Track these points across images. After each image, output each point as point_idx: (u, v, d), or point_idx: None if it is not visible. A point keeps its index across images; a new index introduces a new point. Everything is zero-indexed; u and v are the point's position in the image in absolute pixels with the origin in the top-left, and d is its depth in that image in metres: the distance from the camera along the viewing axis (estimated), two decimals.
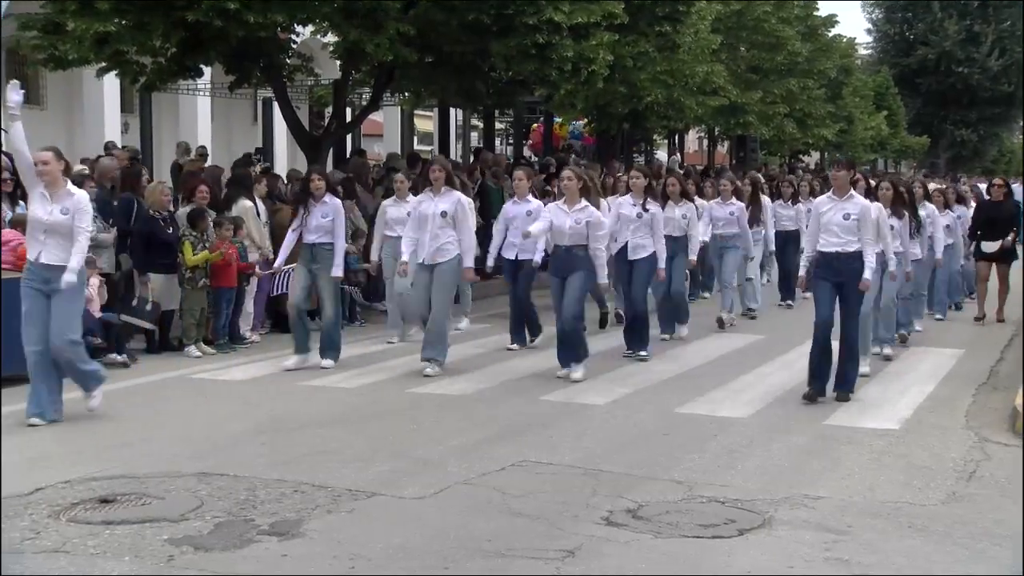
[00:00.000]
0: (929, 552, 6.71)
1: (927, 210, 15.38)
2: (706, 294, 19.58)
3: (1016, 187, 37.05)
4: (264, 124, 30.03)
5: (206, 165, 20.29)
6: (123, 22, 17.04)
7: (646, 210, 13.60)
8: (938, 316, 17.60)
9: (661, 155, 41.37)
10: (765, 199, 19.12)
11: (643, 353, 13.44)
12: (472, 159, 27.18)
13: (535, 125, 34.47)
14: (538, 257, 13.77)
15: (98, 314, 12.22)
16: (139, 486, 7.69)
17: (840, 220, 11.02)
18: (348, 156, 21.88)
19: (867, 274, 10.98)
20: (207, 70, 21.28)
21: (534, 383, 11.95)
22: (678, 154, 41.32)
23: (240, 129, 32.16)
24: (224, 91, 23.01)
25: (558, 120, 33.92)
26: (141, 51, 18.00)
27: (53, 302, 9.62)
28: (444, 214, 12.38)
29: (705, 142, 46.75)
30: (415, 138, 36.64)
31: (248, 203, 14.64)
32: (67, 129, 26.64)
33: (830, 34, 47.06)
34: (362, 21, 18.15)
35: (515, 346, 14.20)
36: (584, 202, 12.30)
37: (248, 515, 7.22)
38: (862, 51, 66.54)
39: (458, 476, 8.22)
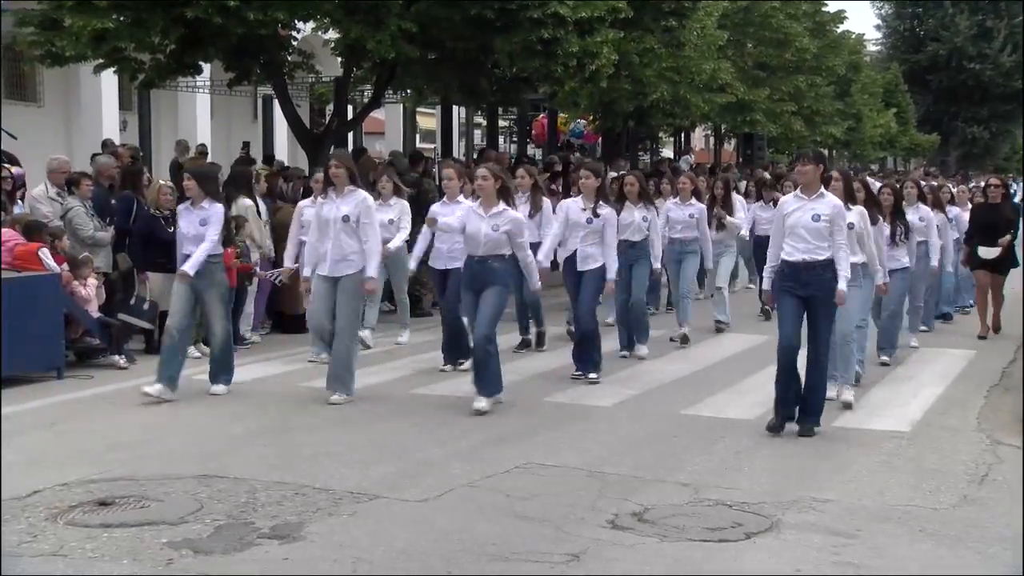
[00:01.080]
0: (941, 556, 6.71)
1: (921, 212, 13.99)
2: (651, 308, 16.36)
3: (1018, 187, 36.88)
4: (264, 122, 30.12)
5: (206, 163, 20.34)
6: (121, 18, 17.09)
7: (597, 215, 12.07)
8: (923, 327, 15.48)
9: (667, 153, 41.39)
10: (739, 199, 18.06)
11: (593, 376, 11.95)
12: (476, 157, 27.15)
13: (540, 116, 34.37)
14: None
15: (96, 314, 12.28)
16: (138, 488, 7.72)
17: (808, 222, 9.64)
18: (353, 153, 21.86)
19: (841, 284, 9.59)
20: (206, 67, 21.33)
21: (539, 384, 11.96)
22: (691, 154, 41.27)
23: (240, 127, 32.15)
24: (224, 88, 23.02)
25: (563, 115, 33.86)
26: (139, 48, 18.04)
27: None
28: (346, 219, 10.74)
29: (712, 140, 46.68)
30: (417, 136, 36.58)
31: (248, 202, 14.60)
32: (65, 127, 26.67)
33: (839, 30, 47.02)
34: (363, 17, 18.17)
35: (447, 367, 12.48)
36: (503, 205, 10.69)
37: (248, 518, 7.25)
38: (871, 47, 66.49)
39: (462, 478, 8.24)
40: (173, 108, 28.68)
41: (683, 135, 42.64)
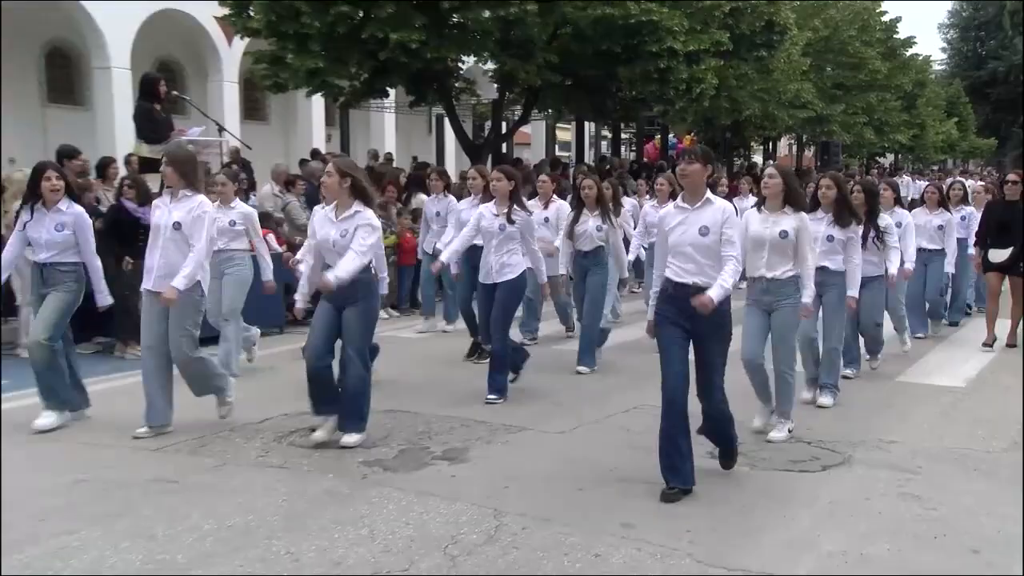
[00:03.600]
0: (995, 493, 6.57)
1: (897, 216, 10.56)
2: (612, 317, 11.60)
3: None
4: (437, 135, 30.57)
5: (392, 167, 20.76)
6: (329, 55, 17.51)
7: (511, 221, 8.91)
8: (919, 334, 12.19)
9: (756, 159, 40.91)
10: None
11: (491, 397, 8.83)
12: (600, 162, 27.21)
13: (653, 139, 34.08)
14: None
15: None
16: None
17: (696, 238, 6.29)
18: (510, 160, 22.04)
19: (712, 292, 6.13)
20: (392, 92, 21.67)
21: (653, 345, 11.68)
22: (771, 160, 40.78)
23: (418, 139, 32.53)
24: (405, 108, 23.42)
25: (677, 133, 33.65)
26: (340, 78, 18.46)
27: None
28: (177, 225, 7.53)
29: (794, 147, 45.98)
30: (556, 146, 36.70)
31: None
32: (284, 139, 27.34)
33: (908, 53, 45.86)
34: (515, 52, 18.40)
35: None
36: (355, 207, 7.25)
37: (425, 444, 7.44)
38: (936, 67, 64.64)
39: (590, 416, 8.34)
40: (366, 124, 29.16)
41: (770, 143, 42.09)
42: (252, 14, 18.13)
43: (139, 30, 24.31)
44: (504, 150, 22.86)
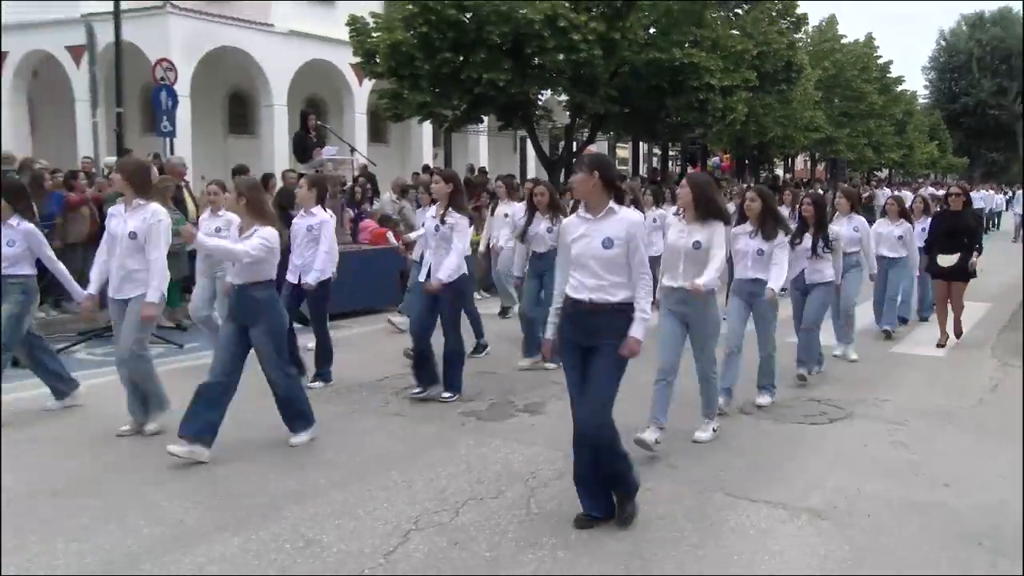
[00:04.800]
0: (963, 440, 6.49)
1: (855, 223, 9.26)
2: None
3: (989, 195, 33.39)
4: (520, 153, 30.66)
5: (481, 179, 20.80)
6: (436, 91, 17.75)
7: (444, 222, 7.25)
8: (886, 326, 10.57)
9: (778, 172, 40.49)
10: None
11: (446, 395, 7.32)
12: (651, 178, 27.01)
13: (726, 156, 33.53)
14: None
15: None
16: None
17: (598, 250, 4.64)
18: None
19: (635, 331, 4.61)
20: (485, 119, 21.78)
21: None
22: (791, 173, 40.37)
23: (505, 157, 32.52)
24: (496, 132, 23.52)
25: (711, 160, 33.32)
26: (445, 108, 18.63)
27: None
28: (133, 235, 6.12)
29: (808, 163, 45.50)
30: (616, 162, 36.57)
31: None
32: (400, 156, 27.60)
33: (898, 88, 45.47)
34: (584, 87, 18.44)
35: (317, 383, 7.70)
36: (256, 224, 5.85)
37: (510, 399, 7.41)
38: (921, 100, 63.83)
39: (638, 380, 8.20)
40: (464, 144, 29.27)
41: (789, 160, 41.83)
42: (377, 61, 18.46)
43: (294, 76, 24.80)
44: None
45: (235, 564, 4.22)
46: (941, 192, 16.57)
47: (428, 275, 7.36)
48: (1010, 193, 38.67)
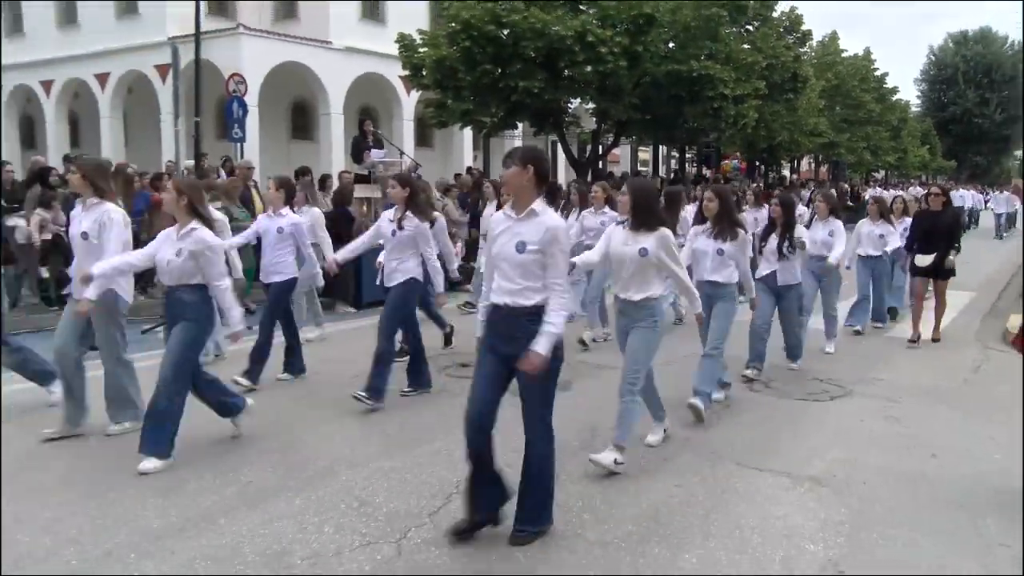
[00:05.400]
0: (950, 416, 6.40)
1: (832, 226, 8.42)
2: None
3: (970, 195, 32.74)
4: (551, 155, 30.30)
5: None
6: (476, 100, 17.72)
7: (401, 227, 6.39)
8: (876, 324, 9.98)
9: (785, 173, 39.99)
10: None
11: (362, 394, 6.24)
12: (672, 179, 26.80)
13: (729, 158, 32.94)
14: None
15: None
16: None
17: (512, 253, 3.93)
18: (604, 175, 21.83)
19: (540, 347, 3.84)
20: (520, 125, 21.70)
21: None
22: (798, 174, 39.91)
23: None
24: (530, 136, 23.39)
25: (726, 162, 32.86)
26: (484, 116, 18.60)
27: None
28: (84, 235, 5.39)
29: (812, 164, 44.98)
30: (638, 163, 36.30)
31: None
32: (444, 161, 27.51)
33: (893, 98, 44.91)
34: (609, 96, 18.32)
35: (246, 381, 6.68)
36: (193, 223, 5.06)
37: None
38: (913, 109, 63.15)
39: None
40: (501, 148, 28.82)
41: (795, 162, 41.37)
42: (424, 74, 18.47)
43: (349, 88, 24.88)
44: (600, 166, 22.68)
45: (298, 520, 4.26)
46: (921, 192, 16.16)
47: (382, 281, 6.66)
48: (989, 193, 38.27)
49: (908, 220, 10.24)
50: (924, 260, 9.11)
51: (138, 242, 8.10)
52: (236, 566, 3.72)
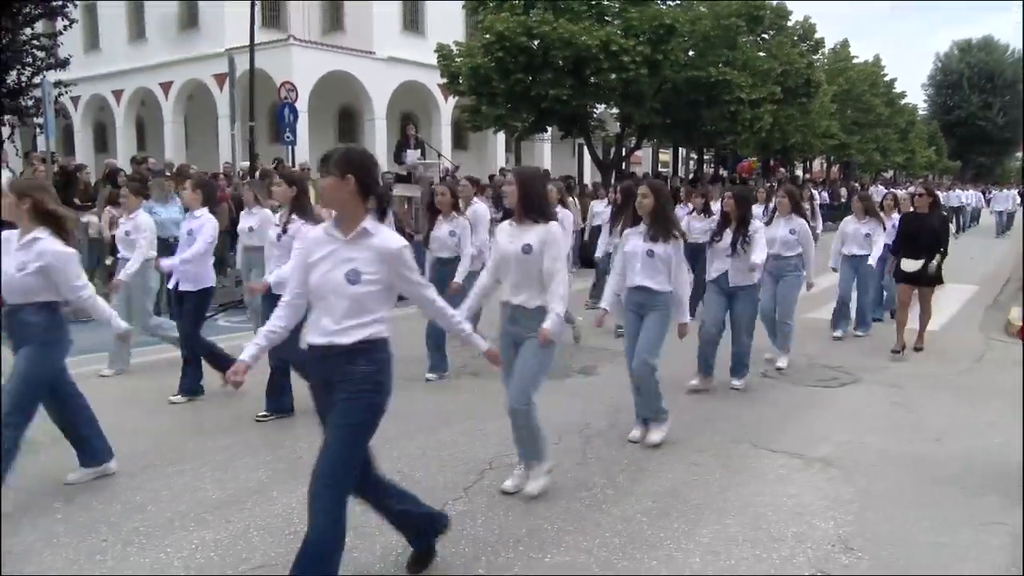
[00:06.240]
0: (952, 402, 6.28)
1: (794, 224, 7.16)
2: None
3: (972, 194, 31.23)
4: (578, 158, 30.27)
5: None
6: (509, 106, 17.71)
7: (286, 231, 5.43)
8: (858, 332, 8.81)
9: (798, 172, 39.46)
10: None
11: (177, 398, 5.97)
12: (692, 179, 26.57)
13: (751, 160, 32.30)
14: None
15: None
16: None
17: (341, 283, 2.91)
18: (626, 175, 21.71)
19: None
20: (549, 129, 21.61)
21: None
22: (809, 173, 39.32)
23: (565, 161, 32.25)
24: (558, 140, 23.37)
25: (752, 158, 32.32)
26: (516, 121, 18.58)
27: None
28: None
29: (824, 165, 44.39)
30: (659, 165, 36.06)
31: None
32: (479, 161, 27.52)
33: (902, 102, 44.21)
34: (632, 101, 18.22)
35: (178, 397, 6.00)
36: (37, 232, 3.96)
37: (568, 363, 7.26)
38: (921, 112, 62.25)
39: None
40: (531, 151, 29.07)
41: (808, 162, 40.86)
42: (460, 82, 18.48)
43: (391, 94, 24.98)
44: (624, 167, 22.57)
45: None
46: (902, 192, 13.65)
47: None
48: (990, 192, 37.45)
49: (896, 216, 9.13)
50: (909, 265, 7.89)
51: None
52: (286, 535, 3.76)
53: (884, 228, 8.62)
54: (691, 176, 27.10)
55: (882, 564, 3.60)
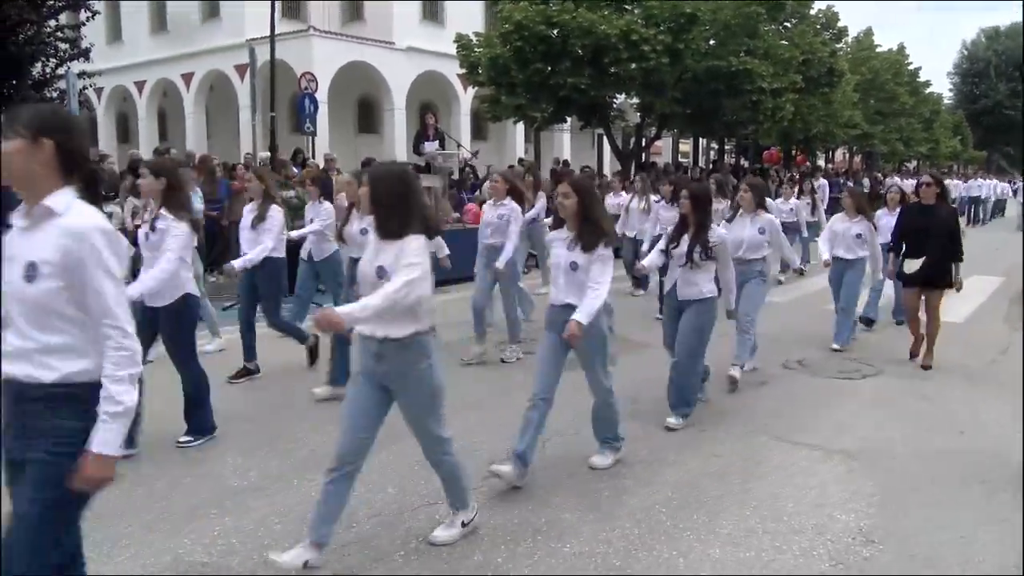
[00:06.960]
0: (976, 393, 6.22)
1: (761, 223, 6.27)
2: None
3: (995, 184, 29.25)
4: (597, 148, 30.08)
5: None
6: (528, 96, 17.64)
7: (154, 229, 4.66)
8: (834, 345, 7.51)
9: (819, 163, 39.08)
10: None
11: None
12: (711, 168, 26.38)
13: (772, 148, 31.69)
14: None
15: None
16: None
17: (20, 285, 2.09)
18: (646, 166, 21.58)
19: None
20: (568, 119, 21.53)
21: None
22: (832, 163, 38.93)
23: (583, 151, 32.07)
24: (577, 131, 23.25)
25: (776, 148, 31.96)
26: (534, 111, 18.51)
27: None
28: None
29: (846, 155, 43.88)
30: (679, 155, 35.80)
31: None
32: (498, 151, 27.49)
33: (926, 91, 43.54)
34: (652, 91, 18.08)
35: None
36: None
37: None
38: (946, 101, 61.28)
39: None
40: (551, 141, 28.96)
41: (830, 152, 40.42)
42: (479, 71, 18.44)
43: (411, 85, 24.97)
44: (643, 158, 22.44)
45: (363, 482, 4.27)
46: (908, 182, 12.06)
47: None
48: (1016, 182, 36.73)
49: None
50: (913, 265, 6.79)
51: (219, 226, 8.16)
52: (307, 523, 3.78)
53: (876, 228, 7.58)
54: (711, 166, 26.87)
55: (903, 558, 3.57)
